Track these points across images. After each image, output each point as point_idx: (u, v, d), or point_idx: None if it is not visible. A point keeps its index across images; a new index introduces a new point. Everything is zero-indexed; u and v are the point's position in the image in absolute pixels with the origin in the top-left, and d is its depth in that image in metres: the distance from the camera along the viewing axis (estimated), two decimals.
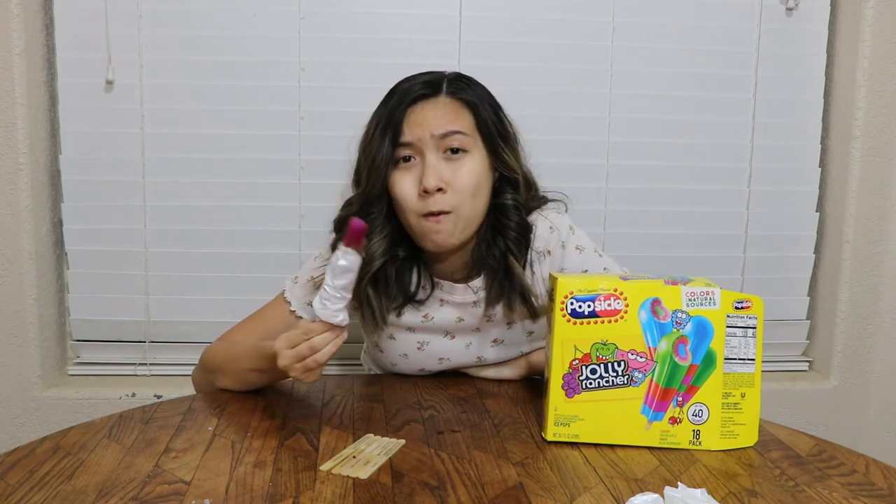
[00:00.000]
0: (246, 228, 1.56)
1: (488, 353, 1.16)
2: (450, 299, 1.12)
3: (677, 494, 0.74)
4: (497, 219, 1.09)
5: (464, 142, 1.03)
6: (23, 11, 1.41)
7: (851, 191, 1.61)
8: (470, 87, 1.08)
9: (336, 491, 0.78)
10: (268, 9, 1.51)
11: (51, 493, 0.77)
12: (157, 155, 1.53)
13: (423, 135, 1.02)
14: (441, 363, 1.16)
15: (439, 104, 1.05)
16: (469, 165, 1.03)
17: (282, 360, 0.92)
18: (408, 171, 1.04)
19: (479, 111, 1.06)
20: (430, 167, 1.01)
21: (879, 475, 0.86)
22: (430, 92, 1.05)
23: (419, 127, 1.03)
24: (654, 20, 1.57)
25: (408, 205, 1.03)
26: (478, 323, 1.13)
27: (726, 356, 0.92)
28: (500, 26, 1.54)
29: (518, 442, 0.93)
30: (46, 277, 1.52)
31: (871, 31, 1.55)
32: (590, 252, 1.13)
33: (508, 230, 1.08)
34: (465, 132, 1.04)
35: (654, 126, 1.60)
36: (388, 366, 1.20)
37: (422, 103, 1.04)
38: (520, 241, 1.08)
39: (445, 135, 1.02)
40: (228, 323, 1.56)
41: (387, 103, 1.07)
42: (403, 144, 1.03)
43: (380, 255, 1.06)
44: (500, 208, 1.09)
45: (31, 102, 1.45)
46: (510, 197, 1.09)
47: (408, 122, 1.03)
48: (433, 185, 1.00)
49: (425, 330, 1.13)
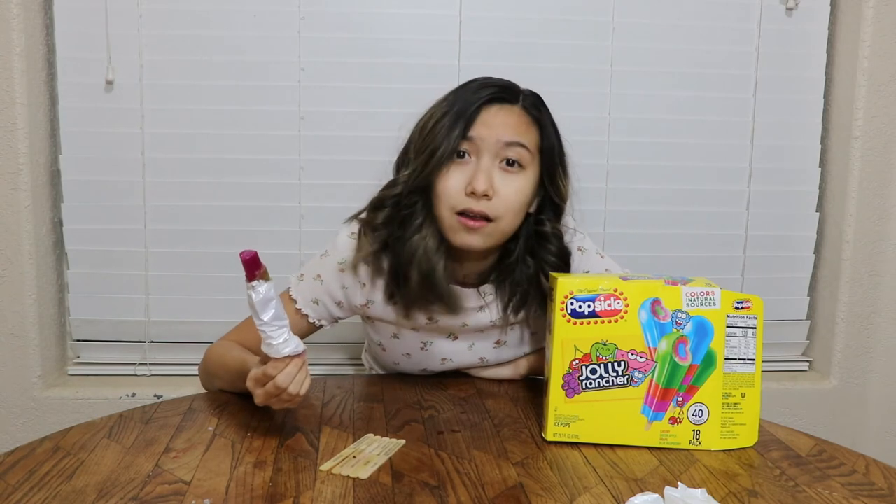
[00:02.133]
0: (246, 228, 1.56)
1: (490, 354, 1.17)
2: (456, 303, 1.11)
3: (677, 494, 0.74)
4: (538, 243, 1.08)
5: (523, 157, 1.02)
6: (23, 11, 1.42)
7: (851, 191, 1.61)
8: (540, 108, 1.07)
9: (336, 491, 0.78)
10: (268, 9, 1.51)
11: (51, 493, 0.77)
12: (157, 155, 1.53)
13: (490, 137, 1.00)
14: (443, 364, 1.16)
15: (514, 113, 1.03)
16: (521, 182, 1.02)
17: (257, 400, 0.90)
18: (459, 166, 1.01)
19: (545, 133, 1.05)
20: (484, 170, 1.00)
21: (879, 475, 0.86)
22: (508, 97, 1.04)
23: (489, 128, 1.01)
24: (654, 20, 1.58)
25: (449, 199, 1.01)
26: (481, 326, 1.13)
27: (726, 356, 0.92)
28: (500, 26, 1.54)
29: (518, 442, 0.93)
30: (46, 277, 1.52)
31: (871, 31, 1.55)
32: (591, 254, 1.14)
33: (549, 255, 1.08)
34: (528, 148, 1.02)
35: (654, 126, 1.60)
36: (390, 365, 1.20)
37: (498, 106, 1.03)
38: (558, 268, 1.08)
39: (510, 143, 1.01)
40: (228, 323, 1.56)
41: (459, 95, 1.04)
42: (468, 139, 1.01)
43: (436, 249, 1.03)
44: (541, 235, 1.08)
45: (31, 102, 1.45)
46: (550, 226, 1.08)
47: (481, 119, 1.01)
48: (483, 188, 0.98)
49: (429, 330, 1.13)
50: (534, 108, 1.05)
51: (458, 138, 1.00)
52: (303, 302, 1.10)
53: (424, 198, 1.03)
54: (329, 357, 1.63)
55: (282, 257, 1.56)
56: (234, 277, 1.57)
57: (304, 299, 1.10)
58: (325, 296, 1.09)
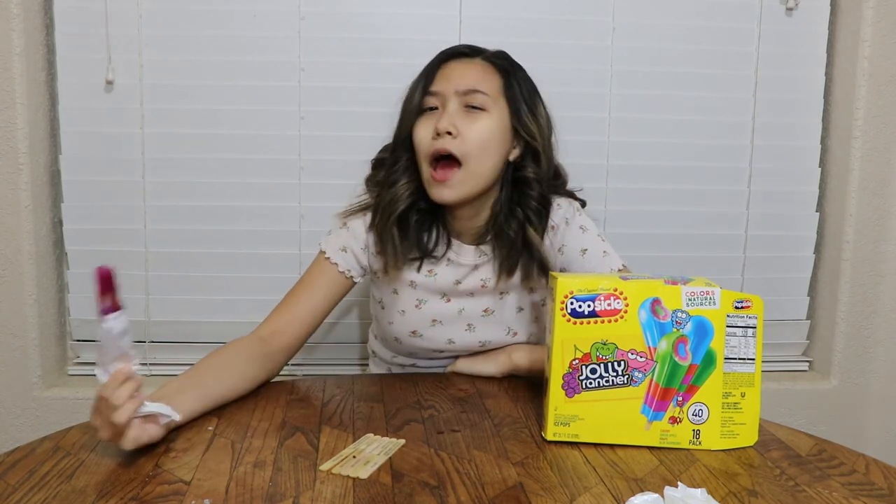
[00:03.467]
0: (246, 228, 1.56)
1: (478, 323, 1.19)
2: (455, 259, 1.18)
3: (677, 494, 0.74)
4: (518, 190, 1.14)
5: (484, 101, 1.09)
6: (23, 11, 1.41)
7: (851, 191, 1.61)
8: (510, 61, 1.16)
9: (336, 491, 0.78)
10: (268, 9, 1.51)
11: (51, 493, 0.77)
12: (157, 155, 1.53)
13: (448, 87, 1.10)
14: (434, 326, 1.19)
15: (473, 63, 1.13)
16: (483, 123, 1.09)
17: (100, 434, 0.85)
18: (429, 117, 1.11)
19: (509, 78, 1.13)
20: (447, 114, 1.08)
21: (879, 475, 0.86)
22: (469, 52, 1.14)
23: (447, 80, 1.11)
24: (654, 20, 1.58)
25: (422, 147, 1.10)
26: (472, 288, 1.18)
27: (726, 356, 0.92)
28: (500, 26, 1.54)
29: (518, 442, 0.93)
30: (46, 277, 1.52)
31: (871, 31, 1.55)
32: (592, 234, 1.17)
33: (530, 201, 1.14)
34: (487, 93, 1.10)
35: (654, 126, 1.60)
36: (385, 325, 1.22)
37: (457, 60, 1.13)
38: (540, 213, 1.14)
39: (467, 91, 1.09)
40: (228, 323, 1.57)
41: (431, 61, 1.15)
42: (430, 93, 1.11)
43: (405, 198, 1.12)
44: (521, 180, 1.14)
45: (31, 102, 1.45)
46: (531, 170, 1.14)
47: (440, 74, 1.12)
48: (444, 126, 1.07)
49: (426, 287, 1.18)
50: (496, 59, 1.15)
51: (422, 93, 1.11)
52: (332, 251, 1.16)
53: (408, 154, 1.13)
54: (329, 357, 1.63)
55: (282, 257, 1.56)
56: (234, 277, 1.58)
57: (332, 249, 1.17)
58: (351, 241, 1.16)
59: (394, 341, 1.23)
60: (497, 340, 1.20)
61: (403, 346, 1.22)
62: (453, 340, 1.20)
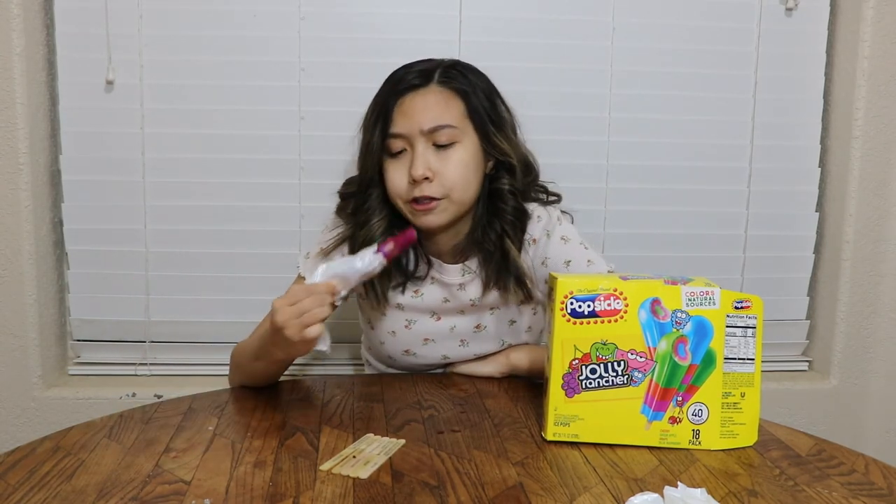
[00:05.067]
0: (246, 228, 1.56)
1: (471, 338, 1.18)
2: (439, 278, 1.16)
3: (677, 494, 0.74)
4: (493, 203, 1.12)
5: (452, 135, 1.06)
6: (23, 11, 1.41)
7: (851, 191, 1.61)
8: (463, 74, 1.10)
9: (336, 491, 0.78)
10: (268, 9, 1.51)
11: (51, 493, 0.77)
12: (157, 155, 1.53)
13: (412, 128, 1.06)
14: (426, 344, 1.18)
15: (430, 94, 1.07)
16: (457, 156, 1.07)
17: (279, 316, 0.92)
18: (398, 160, 1.08)
19: (470, 99, 1.09)
20: (419, 157, 1.05)
21: (879, 475, 0.86)
22: (420, 82, 1.08)
23: (408, 119, 1.06)
24: (654, 20, 1.57)
25: (398, 192, 1.08)
26: (462, 306, 1.16)
27: (726, 356, 0.92)
28: (500, 26, 1.54)
29: (518, 442, 0.93)
30: (46, 277, 1.52)
31: (871, 31, 1.55)
32: (574, 244, 1.14)
33: (505, 214, 1.12)
34: (454, 125, 1.06)
35: (654, 126, 1.60)
36: (377, 345, 1.21)
37: (412, 94, 1.07)
38: (516, 225, 1.12)
39: (433, 129, 1.05)
40: (228, 323, 1.57)
41: (380, 93, 1.11)
42: (393, 136, 1.07)
43: (380, 235, 1.10)
44: (496, 193, 1.12)
45: (31, 102, 1.45)
46: (506, 182, 1.12)
47: (398, 112, 1.07)
48: (420, 173, 1.04)
49: (414, 308, 1.16)
50: (451, 81, 1.09)
51: (381, 136, 1.07)
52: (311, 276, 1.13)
53: (378, 190, 1.11)
54: (329, 357, 1.62)
55: (282, 257, 1.56)
56: (234, 277, 1.58)
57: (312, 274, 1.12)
58: None
59: (387, 359, 1.22)
60: (492, 351, 1.20)
61: (397, 363, 1.22)
62: (448, 356, 1.20)
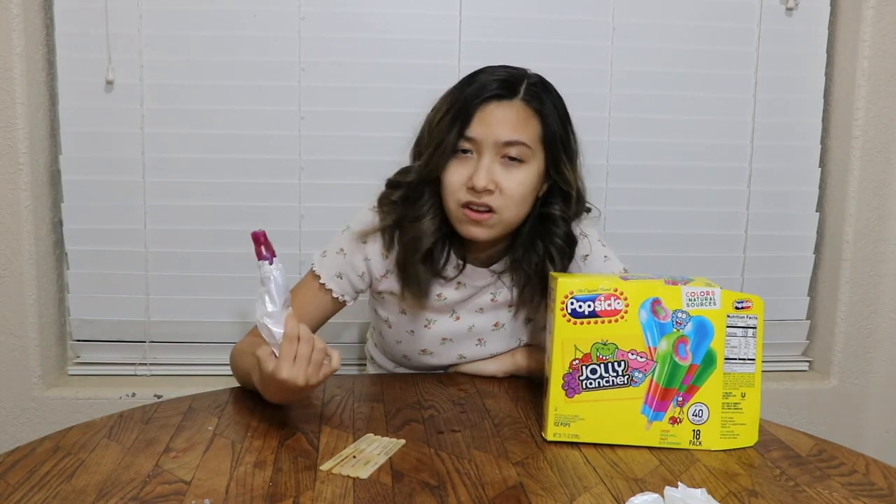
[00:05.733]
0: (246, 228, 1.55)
1: (489, 337, 1.18)
2: (467, 282, 1.15)
3: (677, 494, 0.74)
4: (544, 227, 1.11)
5: (523, 153, 1.04)
6: (23, 11, 1.41)
7: (851, 191, 1.61)
8: (546, 95, 1.09)
9: (336, 491, 0.78)
10: (268, 9, 1.51)
11: (51, 493, 0.77)
12: (157, 155, 1.53)
13: (488, 136, 1.03)
14: (444, 344, 1.18)
15: (512, 109, 1.05)
16: (522, 176, 1.05)
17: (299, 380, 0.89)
18: (463, 162, 1.05)
19: (548, 122, 1.07)
20: (484, 168, 1.03)
21: (879, 475, 0.86)
22: (506, 93, 1.05)
23: (487, 127, 1.04)
24: (654, 20, 1.57)
25: (454, 192, 1.05)
26: (482, 304, 1.16)
27: (726, 356, 0.92)
28: (500, 26, 1.54)
29: (518, 442, 0.93)
30: (46, 277, 1.52)
31: (871, 31, 1.55)
32: (593, 240, 1.16)
33: (555, 238, 1.10)
34: (528, 144, 1.05)
35: (654, 126, 1.60)
36: (392, 343, 1.21)
37: (496, 103, 1.05)
38: (564, 252, 1.11)
39: (508, 143, 1.04)
40: (229, 323, 1.57)
41: (462, 90, 1.07)
42: (467, 138, 1.04)
43: (430, 234, 1.08)
44: (547, 217, 1.11)
45: (31, 102, 1.45)
46: (558, 209, 1.11)
47: (478, 118, 1.04)
48: (483, 184, 1.02)
49: (434, 309, 1.16)
50: (534, 100, 1.06)
51: (457, 137, 1.04)
52: (327, 277, 1.13)
53: (432, 188, 1.08)
54: None
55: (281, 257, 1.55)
56: (234, 277, 1.58)
57: (328, 274, 1.13)
58: (348, 268, 1.13)
59: (402, 358, 1.22)
60: (507, 349, 1.20)
61: (412, 362, 1.21)
62: (464, 356, 1.19)
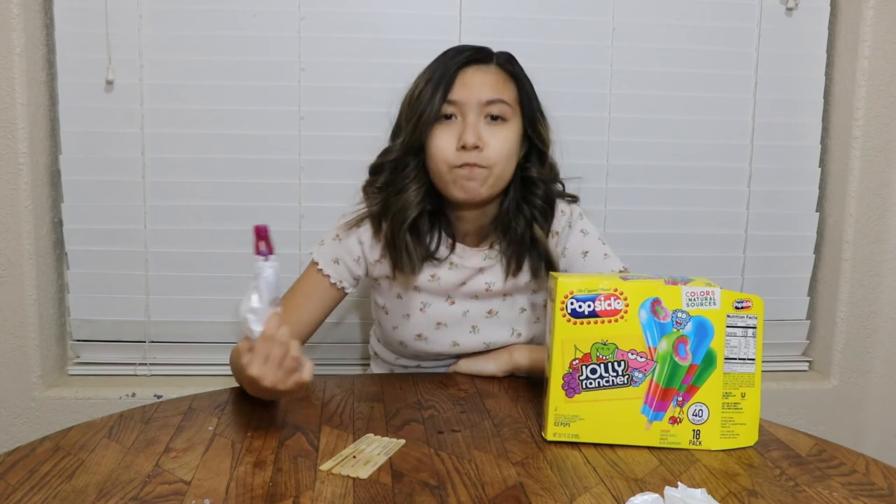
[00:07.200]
0: (246, 228, 1.55)
1: (482, 324, 1.20)
2: (459, 263, 1.18)
3: (677, 494, 0.74)
4: (525, 189, 1.16)
5: (504, 111, 1.11)
6: (23, 11, 1.41)
7: (851, 191, 1.61)
8: (516, 63, 1.17)
9: (336, 491, 0.78)
10: (268, 9, 1.51)
11: (51, 493, 0.77)
12: (157, 155, 1.53)
13: (470, 97, 1.09)
14: (438, 329, 1.19)
15: (490, 71, 1.12)
16: (506, 132, 1.11)
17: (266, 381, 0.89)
18: (448, 127, 1.10)
19: (523, 85, 1.15)
20: (471, 126, 1.08)
21: (879, 475, 0.86)
22: (482, 58, 1.13)
23: (468, 89, 1.10)
24: (654, 20, 1.57)
25: (444, 156, 1.10)
26: (476, 290, 1.19)
27: (726, 356, 0.92)
28: (500, 26, 1.54)
29: (518, 442, 0.93)
30: (46, 277, 1.52)
31: (871, 31, 1.55)
32: (593, 238, 1.20)
33: (536, 199, 1.16)
34: (508, 102, 1.11)
35: (654, 126, 1.60)
36: (389, 331, 1.22)
37: (474, 67, 1.12)
38: (546, 212, 1.17)
39: (491, 102, 1.10)
40: (228, 323, 1.57)
41: (438, 62, 1.13)
42: (450, 102, 1.10)
43: (416, 204, 1.12)
44: (527, 181, 1.16)
45: (31, 102, 1.45)
46: (535, 171, 1.16)
47: (460, 81, 1.10)
48: (472, 141, 1.07)
49: (430, 291, 1.18)
50: (508, 64, 1.15)
51: (441, 101, 1.09)
52: (324, 263, 1.17)
53: (417, 160, 1.12)
54: (331, 357, 1.63)
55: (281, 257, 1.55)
56: (234, 277, 1.57)
57: (325, 260, 1.17)
58: (343, 252, 1.16)
59: (398, 345, 1.23)
60: (501, 341, 1.21)
61: (408, 349, 1.22)
62: (458, 343, 1.20)
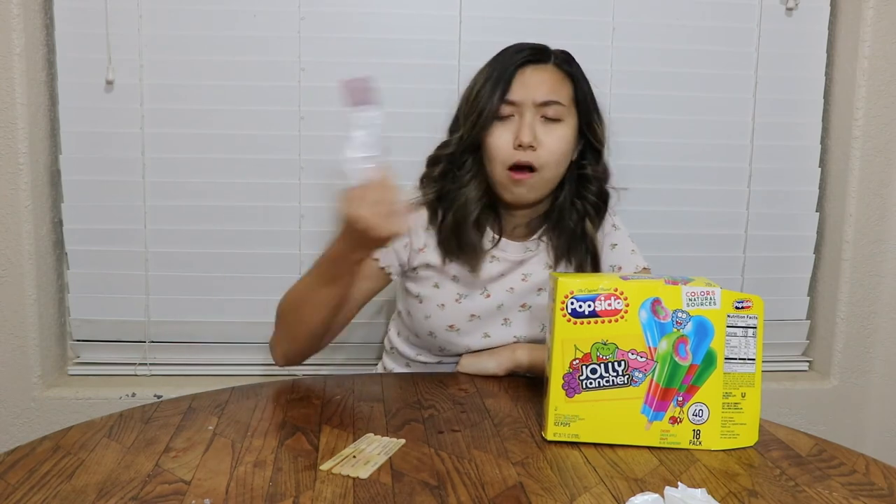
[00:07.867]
0: (246, 228, 1.56)
1: (515, 318, 1.21)
2: (501, 256, 1.20)
3: (677, 494, 0.74)
4: (580, 186, 1.20)
5: (559, 112, 1.13)
6: (23, 11, 1.41)
7: (851, 191, 1.61)
8: (573, 62, 1.19)
9: (336, 491, 0.78)
10: (268, 9, 1.51)
11: (51, 493, 0.77)
12: (157, 155, 1.53)
13: (527, 97, 1.12)
14: (471, 321, 1.20)
15: (547, 71, 1.15)
16: (560, 132, 1.14)
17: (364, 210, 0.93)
18: (505, 125, 1.13)
19: (579, 85, 1.17)
20: (527, 125, 1.11)
21: (879, 475, 0.86)
22: (540, 57, 1.16)
23: (525, 89, 1.13)
24: (654, 20, 1.57)
25: (499, 154, 1.13)
26: (513, 282, 1.20)
27: (727, 356, 0.92)
28: (500, 26, 1.54)
29: (518, 442, 0.93)
30: (46, 277, 1.52)
31: (871, 31, 1.55)
32: (623, 233, 1.26)
33: (590, 195, 1.20)
34: (563, 103, 1.14)
35: (654, 126, 1.60)
36: (420, 320, 1.21)
37: (532, 66, 1.14)
38: (599, 208, 1.21)
39: (546, 103, 1.12)
40: (228, 323, 1.57)
41: (497, 61, 1.16)
42: (507, 102, 1.13)
43: (477, 200, 1.16)
44: (582, 178, 1.20)
45: (31, 102, 1.45)
46: (591, 168, 1.20)
47: (518, 81, 1.13)
48: (528, 139, 1.10)
49: (467, 282, 1.19)
50: (565, 64, 1.17)
51: (499, 101, 1.12)
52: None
53: (474, 156, 1.16)
54: (332, 357, 1.62)
55: (282, 257, 1.56)
56: (234, 277, 1.58)
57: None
58: None
59: (427, 335, 1.22)
60: (529, 336, 1.22)
61: (437, 339, 1.22)
62: (489, 335, 1.21)
